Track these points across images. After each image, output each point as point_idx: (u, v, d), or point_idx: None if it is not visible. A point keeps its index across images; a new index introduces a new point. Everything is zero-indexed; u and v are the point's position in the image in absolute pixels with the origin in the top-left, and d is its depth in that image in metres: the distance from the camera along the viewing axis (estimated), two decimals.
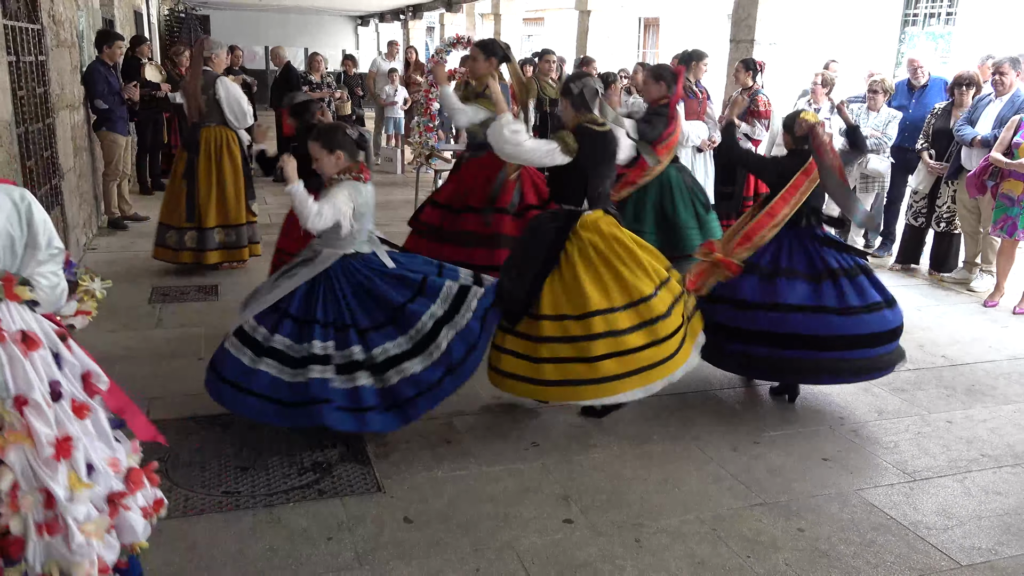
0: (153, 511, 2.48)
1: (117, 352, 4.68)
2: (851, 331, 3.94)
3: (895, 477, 3.58)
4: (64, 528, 2.16)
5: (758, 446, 3.82)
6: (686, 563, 2.91)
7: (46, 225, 2.35)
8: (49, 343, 2.33)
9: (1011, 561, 2.99)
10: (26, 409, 2.16)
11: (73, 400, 2.31)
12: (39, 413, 2.17)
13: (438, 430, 3.84)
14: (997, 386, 4.65)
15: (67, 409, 2.27)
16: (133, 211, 8.24)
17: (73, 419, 2.28)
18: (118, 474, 2.37)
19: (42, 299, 2.36)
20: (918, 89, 7.43)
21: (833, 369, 4.00)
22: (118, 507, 2.32)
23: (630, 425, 3.97)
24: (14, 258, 2.29)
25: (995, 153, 5.86)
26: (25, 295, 2.28)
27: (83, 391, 2.39)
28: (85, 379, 2.43)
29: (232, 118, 6.23)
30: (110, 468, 2.35)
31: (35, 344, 2.24)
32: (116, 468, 2.38)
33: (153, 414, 3.90)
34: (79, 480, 2.21)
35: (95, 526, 2.21)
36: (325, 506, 3.18)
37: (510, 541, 3.00)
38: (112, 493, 2.31)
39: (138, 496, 2.41)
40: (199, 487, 3.28)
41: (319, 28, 25.77)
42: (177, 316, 5.38)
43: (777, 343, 3.97)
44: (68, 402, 2.28)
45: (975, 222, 6.54)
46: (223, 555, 2.85)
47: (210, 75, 6.16)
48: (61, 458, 2.18)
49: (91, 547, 2.18)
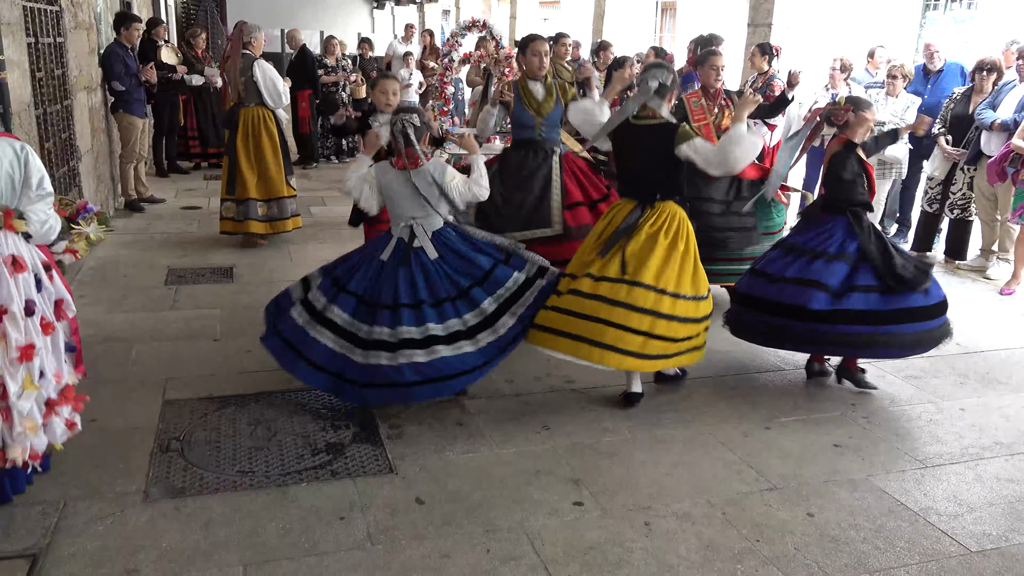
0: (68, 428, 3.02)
1: (134, 333, 4.74)
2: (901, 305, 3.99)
3: (906, 464, 3.58)
4: (10, 418, 2.71)
5: (769, 432, 3.83)
6: (695, 546, 2.92)
7: (39, 171, 2.83)
8: (34, 269, 2.83)
9: (1021, 548, 2.98)
10: (4, 317, 2.68)
11: (43, 318, 2.83)
12: (13, 322, 2.70)
13: (450, 412, 3.87)
14: (1012, 374, 4.62)
15: (37, 324, 2.80)
16: (150, 193, 8.30)
17: (39, 333, 2.81)
18: (58, 385, 2.92)
19: (33, 232, 2.83)
20: (933, 74, 7.35)
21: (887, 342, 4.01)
22: (51, 411, 2.88)
23: (641, 410, 3.99)
24: (14, 196, 2.79)
25: (1017, 139, 5.79)
26: (20, 227, 2.77)
27: (53, 313, 2.89)
28: (57, 304, 2.94)
29: (268, 99, 6.53)
30: (54, 379, 2.90)
31: (21, 268, 2.74)
32: (58, 380, 2.93)
33: (169, 394, 3.96)
34: (31, 382, 2.76)
35: (31, 422, 2.77)
36: (338, 486, 3.22)
37: (521, 522, 3.03)
38: (50, 399, 2.87)
39: (66, 408, 2.95)
40: (214, 466, 3.33)
41: (335, 11, 25.68)
42: (193, 298, 5.44)
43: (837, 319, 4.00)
44: (38, 319, 2.80)
45: (992, 209, 6.48)
46: (237, 533, 2.90)
47: (248, 58, 6.47)
48: (23, 361, 2.73)
49: (26, 437, 2.76)
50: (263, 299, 5.42)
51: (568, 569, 2.77)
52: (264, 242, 6.76)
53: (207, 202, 8.39)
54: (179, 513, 3.00)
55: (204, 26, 12.76)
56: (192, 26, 11.90)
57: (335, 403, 3.93)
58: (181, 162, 10.00)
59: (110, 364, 4.28)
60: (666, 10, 19.03)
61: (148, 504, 3.05)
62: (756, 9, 8.27)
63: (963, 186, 6.60)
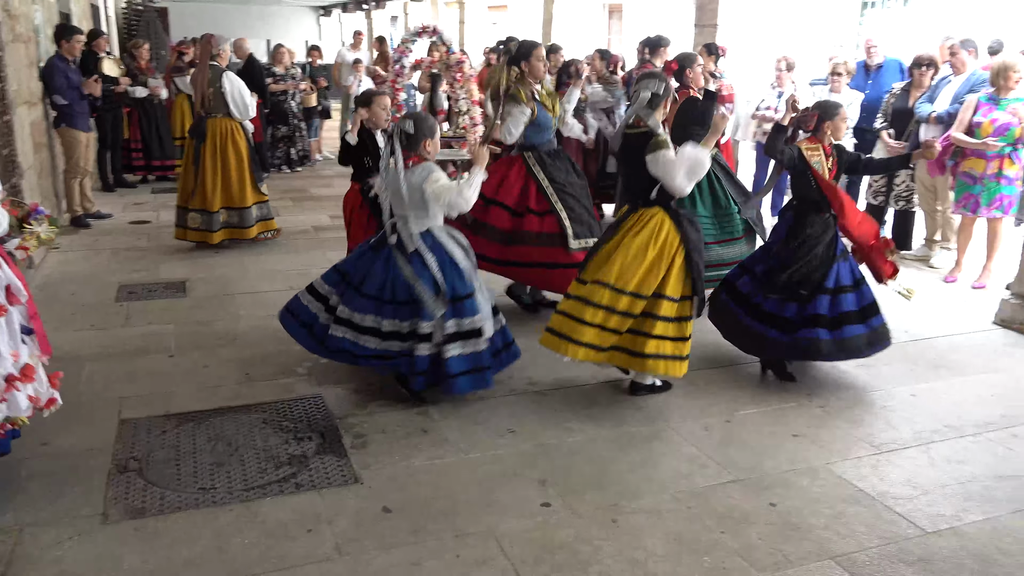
0: (46, 406, 3.20)
1: (86, 352, 4.63)
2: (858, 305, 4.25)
3: (862, 450, 3.67)
4: None
5: (730, 425, 3.89)
6: (662, 541, 2.96)
7: None
8: None
9: (973, 527, 3.08)
10: None
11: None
12: None
13: (414, 419, 3.86)
14: (958, 359, 4.77)
15: None
16: (96, 208, 8.12)
17: None
18: (16, 363, 3.07)
19: None
20: (873, 70, 7.55)
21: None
22: (11, 386, 3.03)
23: (605, 409, 4.02)
24: None
25: (956, 132, 5.99)
26: None
27: (4, 298, 3.08)
28: (7, 290, 3.11)
29: (235, 111, 6.68)
30: (11, 357, 3.06)
31: None
32: (16, 359, 3.08)
33: (125, 413, 3.88)
34: None
35: None
36: (303, 499, 3.19)
37: (489, 526, 3.03)
38: (9, 375, 3.01)
39: (28, 386, 3.10)
40: (174, 484, 3.27)
41: (281, 19, 25.44)
42: (145, 314, 5.33)
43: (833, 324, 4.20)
44: None
45: (933, 200, 6.68)
46: (202, 552, 2.85)
47: (217, 69, 6.59)
48: None
49: None
50: (217, 313, 5.36)
51: (539, 570, 2.79)
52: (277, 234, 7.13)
53: (156, 216, 8.23)
54: (140, 534, 2.94)
55: (147, 37, 12.51)
56: (134, 37, 11.66)
57: (297, 415, 3.89)
58: (127, 176, 9.80)
59: (62, 385, 4.15)
60: (613, 12, 19.22)
61: (107, 526, 2.98)
62: (702, 10, 8.42)
63: (906, 178, 6.79)
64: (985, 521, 3.12)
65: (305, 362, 4.48)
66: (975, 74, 6.31)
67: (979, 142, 5.83)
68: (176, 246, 7.01)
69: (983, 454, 3.65)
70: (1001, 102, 5.79)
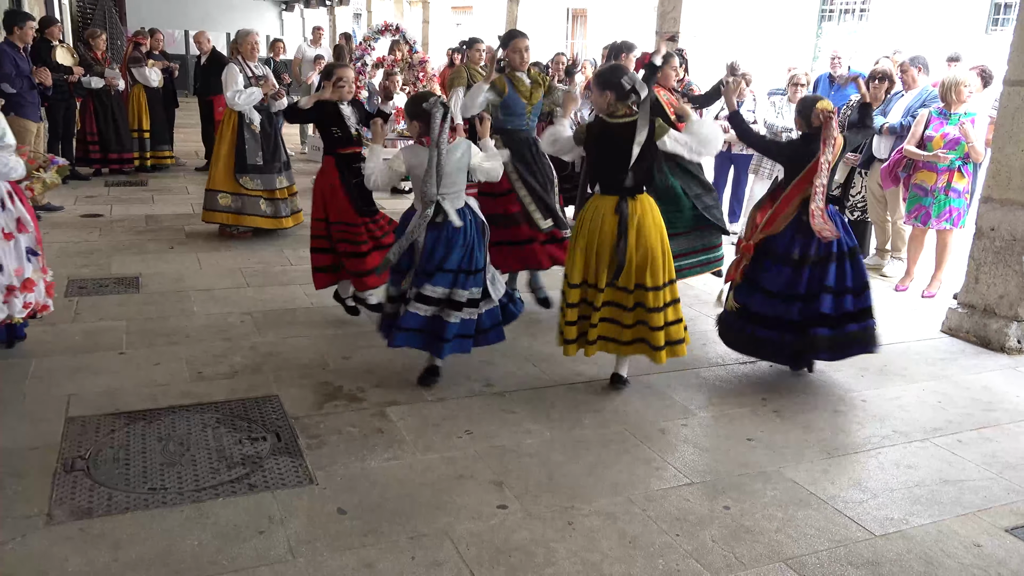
0: (41, 310, 4.30)
1: (32, 348, 4.49)
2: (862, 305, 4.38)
3: (814, 454, 3.73)
4: None
5: (685, 428, 3.93)
6: (617, 543, 2.98)
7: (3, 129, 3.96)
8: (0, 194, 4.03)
9: (920, 530, 3.16)
10: None
11: (3, 229, 4.01)
12: None
13: (370, 420, 3.82)
14: (907, 366, 4.89)
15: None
16: (46, 201, 7.88)
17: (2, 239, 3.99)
18: (19, 277, 4.07)
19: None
20: (837, 82, 7.71)
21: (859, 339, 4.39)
22: (11, 295, 4.04)
23: (562, 411, 4.03)
24: None
25: (908, 146, 6.13)
26: None
27: (15, 227, 4.06)
28: (18, 221, 4.09)
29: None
30: (14, 273, 4.04)
31: None
32: (19, 274, 4.08)
33: (72, 410, 3.78)
34: None
35: None
36: (256, 500, 3.14)
37: (445, 528, 3.01)
38: (10, 286, 4.02)
39: (27, 295, 4.11)
40: (123, 484, 3.19)
41: (241, 12, 25.04)
42: (96, 309, 5.20)
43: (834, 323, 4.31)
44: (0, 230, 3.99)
45: (883, 211, 6.84)
46: (150, 554, 2.79)
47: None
48: None
49: None
50: (170, 309, 5.25)
51: (494, 572, 2.78)
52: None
53: (109, 209, 8.05)
54: (85, 535, 2.86)
55: (103, 26, 12.23)
56: (89, 26, 11.39)
57: (252, 415, 3.83)
58: (81, 168, 9.56)
59: (6, 381, 4.06)
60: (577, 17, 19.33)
61: (52, 527, 2.90)
62: (663, 18, 8.51)
63: (862, 189, 6.94)
64: (932, 524, 3.20)
65: (260, 361, 4.42)
66: (926, 89, 6.49)
67: (930, 154, 5.98)
68: (129, 241, 6.86)
69: (930, 459, 3.74)
70: (952, 117, 5.94)
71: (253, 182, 6.88)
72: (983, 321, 5.27)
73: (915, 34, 10.87)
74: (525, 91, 5.24)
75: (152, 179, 9.77)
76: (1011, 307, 5.17)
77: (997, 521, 3.23)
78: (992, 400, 4.44)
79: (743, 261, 4.50)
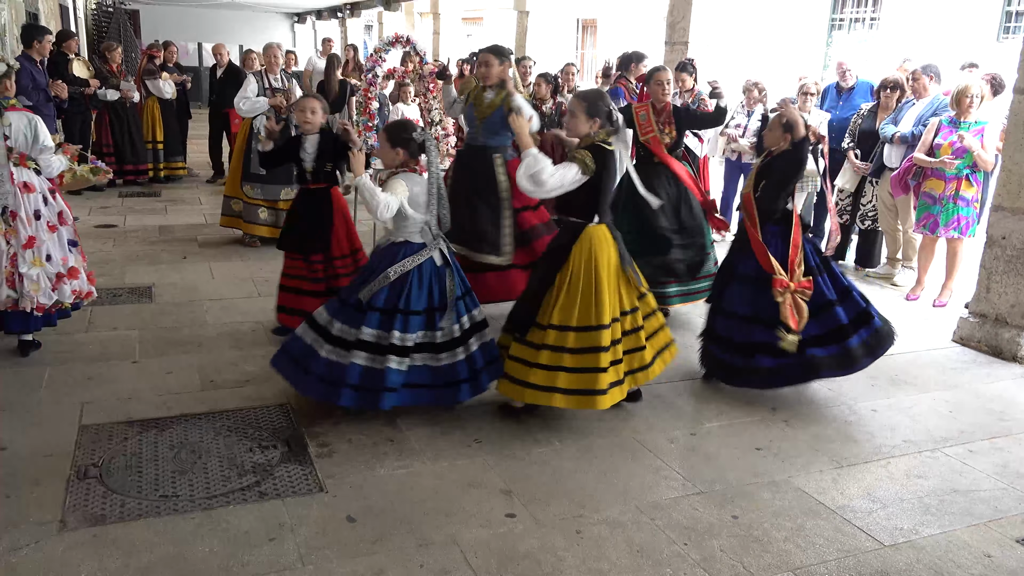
0: (85, 297, 4.63)
1: (47, 357, 4.55)
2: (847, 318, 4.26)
3: (824, 464, 3.72)
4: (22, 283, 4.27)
5: (695, 437, 3.93)
6: (625, 552, 2.98)
7: (44, 134, 4.38)
8: (41, 191, 4.43)
9: (930, 540, 3.15)
10: (16, 219, 4.26)
11: (48, 222, 4.42)
12: (21, 223, 4.28)
13: (381, 430, 3.84)
14: (918, 375, 4.87)
15: (43, 225, 4.38)
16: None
17: (45, 231, 4.39)
18: (65, 265, 4.47)
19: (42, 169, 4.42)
20: (845, 91, 7.71)
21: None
22: (61, 281, 4.43)
23: (571, 420, 4.04)
24: (27, 148, 4.35)
25: (918, 153, 6.13)
26: (30, 165, 4.38)
27: (57, 220, 4.48)
28: (60, 215, 4.51)
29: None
30: (61, 262, 4.46)
31: (30, 189, 4.36)
32: (64, 263, 4.48)
33: (86, 418, 3.82)
34: (39, 261, 4.33)
35: (36, 286, 4.30)
36: (266, 507, 3.16)
37: (453, 535, 3.03)
38: (59, 273, 4.42)
39: (73, 282, 4.49)
40: (135, 492, 3.22)
41: (253, 24, 25.29)
42: (110, 319, 5.26)
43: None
44: (44, 222, 4.39)
45: (893, 220, 6.82)
46: (161, 560, 2.81)
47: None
48: (27, 248, 4.28)
49: (32, 295, 4.29)
50: (183, 318, 5.30)
51: None
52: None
53: (123, 220, 8.13)
54: (98, 541, 2.90)
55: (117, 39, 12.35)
56: (104, 39, 11.51)
57: (262, 423, 3.86)
58: None
59: (22, 389, 4.11)
60: (587, 27, 19.40)
61: (65, 533, 2.93)
62: (672, 28, 8.55)
63: (872, 198, 6.93)
64: (941, 534, 3.19)
65: (272, 370, 4.44)
66: (937, 98, 6.47)
67: (937, 160, 5.97)
68: (142, 251, 6.93)
69: (940, 469, 3.73)
70: (961, 125, 5.93)
71: (254, 191, 7.05)
72: (995, 330, 5.25)
73: (925, 43, 10.85)
74: (480, 106, 5.14)
75: (165, 190, 9.85)
76: (1023, 316, 5.15)
77: (1008, 531, 3.22)
78: (1004, 410, 4.42)
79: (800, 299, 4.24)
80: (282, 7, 24.97)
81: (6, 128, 4.25)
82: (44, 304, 4.33)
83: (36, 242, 4.29)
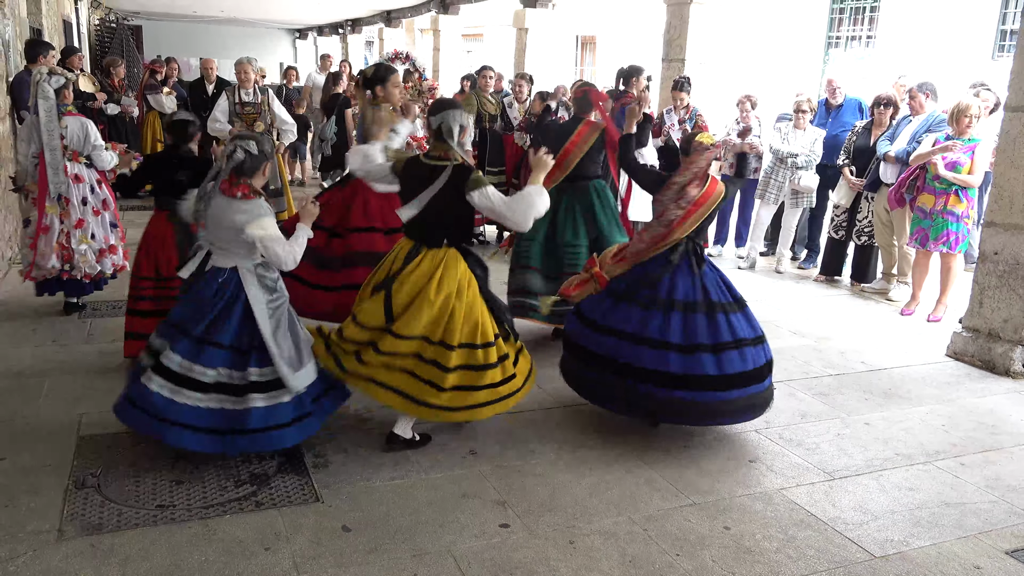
0: (120, 269, 5.60)
1: (46, 368, 4.59)
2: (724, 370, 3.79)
3: (816, 476, 3.75)
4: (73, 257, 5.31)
5: (688, 449, 3.96)
6: (618, 562, 3.01)
7: (95, 135, 5.33)
8: (89, 181, 5.39)
9: (920, 552, 3.17)
10: (69, 205, 5.24)
11: (93, 207, 5.38)
12: (73, 208, 5.26)
13: (377, 440, 3.87)
14: (912, 389, 4.90)
15: (89, 210, 5.36)
16: None
17: (91, 215, 5.37)
18: (106, 244, 5.45)
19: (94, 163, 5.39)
20: (834, 108, 7.79)
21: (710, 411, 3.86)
22: (103, 255, 5.44)
23: (566, 431, 4.07)
24: (80, 146, 5.27)
25: (918, 152, 6.17)
26: (81, 160, 5.32)
27: (101, 205, 5.45)
28: (103, 202, 5.47)
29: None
30: (103, 240, 5.43)
31: (80, 180, 5.31)
32: (107, 241, 5.46)
33: (84, 429, 3.85)
34: (86, 239, 5.32)
35: (85, 259, 5.32)
36: (262, 517, 3.19)
37: (448, 546, 3.05)
38: (101, 249, 5.42)
39: (113, 257, 5.51)
40: (132, 501, 3.25)
41: (256, 41, 25.48)
42: (108, 330, 5.29)
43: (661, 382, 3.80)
44: (91, 208, 5.37)
45: (889, 235, 6.87)
46: (158, 569, 2.84)
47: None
48: (78, 228, 5.29)
49: (81, 266, 5.31)
50: None
51: None
52: None
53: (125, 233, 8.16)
54: (95, 550, 2.92)
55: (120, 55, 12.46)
56: (107, 54, 11.61)
57: None
58: None
59: (20, 400, 4.14)
60: (586, 44, 19.55)
61: (62, 542, 2.96)
62: (669, 45, 8.64)
63: (868, 213, 6.98)
64: (932, 547, 3.21)
65: None
66: (933, 115, 6.54)
67: (935, 148, 5.99)
68: None
69: (932, 482, 3.75)
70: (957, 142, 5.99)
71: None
72: (987, 345, 5.29)
73: (921, 60, 10.96)
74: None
75: None
76: (1015, 331, 5.19)
77: (997, 543, 3.25)
78: (996, 424, 4.45)
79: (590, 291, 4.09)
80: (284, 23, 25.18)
81: (63, 129, 5.10)
82: (90, 273, 5.36)
83: (84, 224, 5.29)
